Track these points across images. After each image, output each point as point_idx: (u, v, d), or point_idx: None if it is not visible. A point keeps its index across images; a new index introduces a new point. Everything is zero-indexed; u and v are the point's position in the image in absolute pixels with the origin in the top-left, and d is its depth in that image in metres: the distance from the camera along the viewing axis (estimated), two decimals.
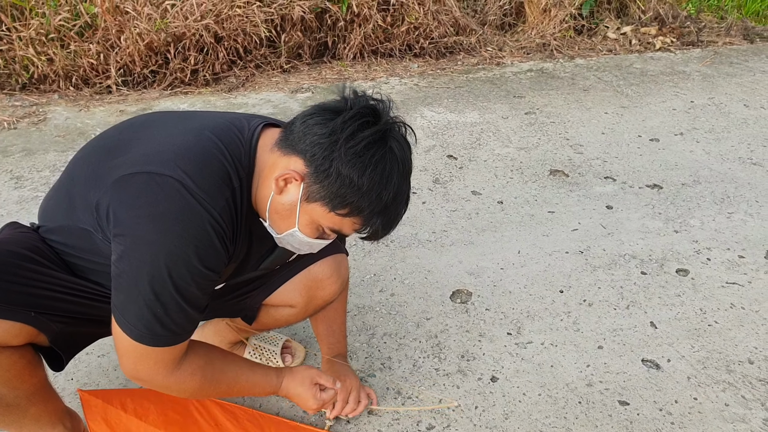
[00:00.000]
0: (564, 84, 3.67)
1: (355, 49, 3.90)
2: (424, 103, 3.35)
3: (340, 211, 0.97)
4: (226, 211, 0.97)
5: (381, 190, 0.96)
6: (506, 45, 4.22)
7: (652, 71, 3.92)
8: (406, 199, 1.03)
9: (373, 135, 0.94)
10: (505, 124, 3.13)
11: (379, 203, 0.96)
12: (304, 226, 1.02)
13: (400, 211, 1.02)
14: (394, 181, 0.97)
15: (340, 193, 0.95)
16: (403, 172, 0.99)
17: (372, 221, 0.99)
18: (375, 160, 0.94)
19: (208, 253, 0.95)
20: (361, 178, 0.94)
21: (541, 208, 2.44)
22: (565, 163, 2.78)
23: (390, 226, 1.02)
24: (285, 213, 1.01)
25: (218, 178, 0.97)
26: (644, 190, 2.59)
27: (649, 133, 3.09)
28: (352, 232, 1.02)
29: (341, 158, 0.93)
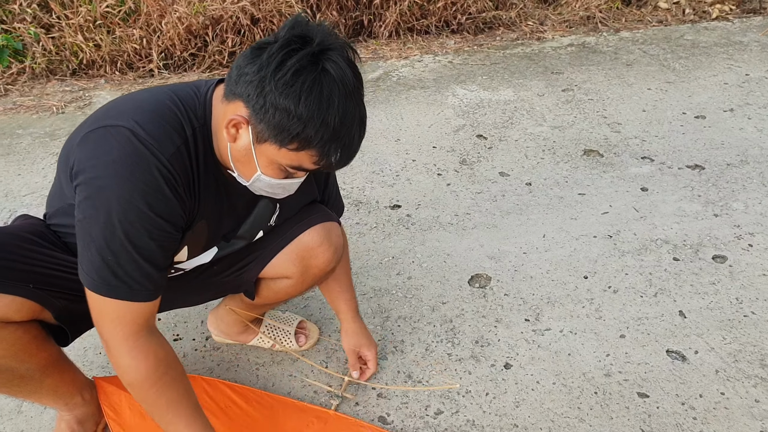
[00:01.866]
0: (606, 59, 3.51)
1: (391, 27, 3.86)
2: (456, 81, 3.29)
3: (290, 146, 0.94)
4: (176, 158, 0.98)
5: (324, 116, 0.91)
6: (548, 18, 4.06)
7: (705, 42, 3.69)
8: (359, 120, 0.97)
9: (301, 61, 0.90)
10: (540, 102, 3.04)
11: (327, 129, 0.92)
12: (265, 168, 1.00)
13: (353, 134, 0.96)
14: (336, 103, 0.92)
15: (283, 127, 0.92)
16: (345, 93, 0.93)
17: (326, 150, 0.95)
18: (308, 85, 0.90)
19: (156, 198, 0.96)
20: (298, 107, 0.90)
21: (572, 190, 2.37)
22: (601, 142, 2.68)
23: (347, 151, 0.97)
24: (244, 159, 1.01)
25: (169, 127, 0.98)
26: (684, 171, 2.47)
27: (695, 109, 2.93)
28: (312, 165, 0.98)
29: (273, 91, 0.91)
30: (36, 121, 2.97)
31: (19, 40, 3.39)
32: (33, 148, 2.72)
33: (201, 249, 1.20)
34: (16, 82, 3.37)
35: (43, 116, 3.02)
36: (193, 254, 1.20)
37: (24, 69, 3.38)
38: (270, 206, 1.24)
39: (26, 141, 2.78)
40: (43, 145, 2.74)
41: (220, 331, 1.64)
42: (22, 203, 2.32)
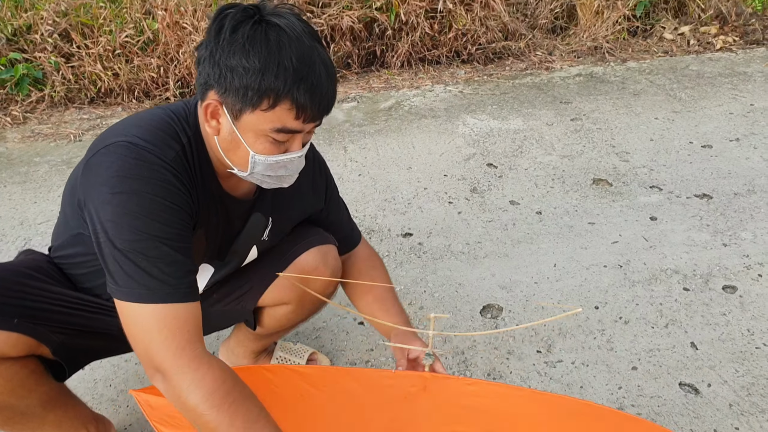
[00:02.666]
0: (613, 88, 3.57)
1: (403, 57, 3.94)
2: (467, 111, 3.35)
3: (263, 106, 0.93)
4: (178, 161, 0.99)
5: (278, 59, 0.90)
6: (556, 49, 4.14)
7: (710, 73, 3.75)
8: (320, 59, 0.94)
9: (235, 16, 0.92)
10: (549, 131, 3.09)
11: (287, 72, 0.90)
12: (254, 145, 0.98)
13: (318, 72, 0.93)
14: (286, 45, 0.91)
15: (246, 86, 0.91)
16: (294, 36, 0.92)
17: (296, 96, 0.92)
18: (250, 36, 0.91)
19: (169, 190, 0.96)
20: (249, 58, 0.90)
21: (581, 219, 2.40)
22: (610, 171, 2.72)
23: (318, 92, 0.94)
24: (233, 145, 1.00)
25: (166, 136, 1.00)
26: (692, 200, 2.50)
27: (702, 139, 2.97)
28: (294, 121, 0.95)
29: (222, 55, 0.92)
30: (53, 149, 3.04)
31: (40, 69, 3.49)
32: (50, 176, 2.78)
33: (199, 261, 1.19)
34: (35, 110, 3.45)
35: (60, 144, 3.10)
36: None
37: (43, 97, 3.47)
38: (263, 220, 1.24)
39: (43, 169, 2.85)
40: (60, 172, 2.81)
41: (231, 363, 1.66)
42: (37, 231, 2.37)
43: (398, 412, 1.15)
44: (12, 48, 3.49)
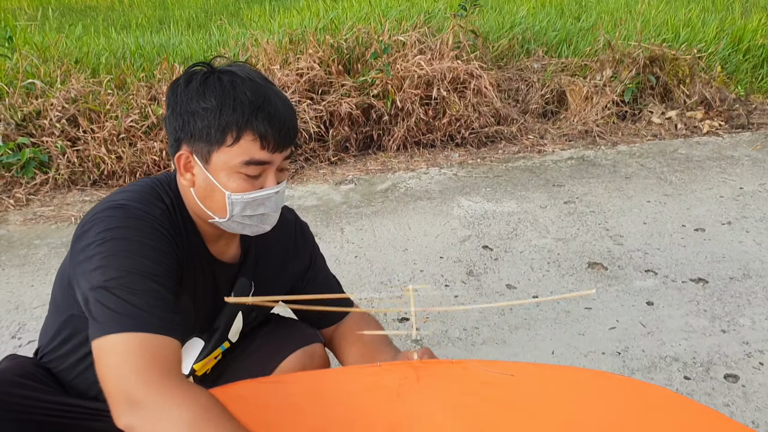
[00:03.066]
0: (605, 172, 3.66)
1: (399, 141, 4.06)
2: (461, 193, 3.41)
3: (228, 141, 0.97)
4: (164, 217, 1.02)
5: (235, 95, 0.96)
6: (548, 132, 4.28)
7: (698, 156, 3.86)
8: (273, 92, 1.01)
9: (188, 73, 1.00)
10: (543, 214, 3.14)
11: (243, 105, 0.96)
12: (227, 184, 1.00)
13: (273, 102, 0.99)
14: (239, 84, 0.98)
15: (208, 126, 0.97)
16: (246, 77, 0.99)
17: (257, 125, 0.96)
18: (204, 83, 0.98)
19: (153, 233, 0.98)
20: (206, 100, 0.97)
21: (578, 304, 2.39)
22: (604, 255, 2.74)
23: (277, 121, 0.98)
24: (209, 190, 1.02)
25: (151, 196, 1.04)
26: (688, 284, 2.50)
27: (694, 222, 3.01)
28: (261, 151, 0.98)
29: (182, 105, 0.99)
30: (54, 232, 3.07)
31: (46, 152, 3.58)
32: (48, 259, 2.79)
33: (186, 332, 1.16)
34: (39, 192, 3.52)
35: (61, 226, 3.13)
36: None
37: (47, 180, 3.54)
38: (247, 284, 1.22)
39: (42, 252, 2.86)
40: (58, 255, 2.82)
41: None
42: (32, 315, 2.35)
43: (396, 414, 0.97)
44: (21, 133, 3.60)
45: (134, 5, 10.14)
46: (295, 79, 3.96)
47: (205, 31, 6.30)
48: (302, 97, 3.97)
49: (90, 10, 9.72)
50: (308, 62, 4.03)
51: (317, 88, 4.09)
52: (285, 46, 4.26)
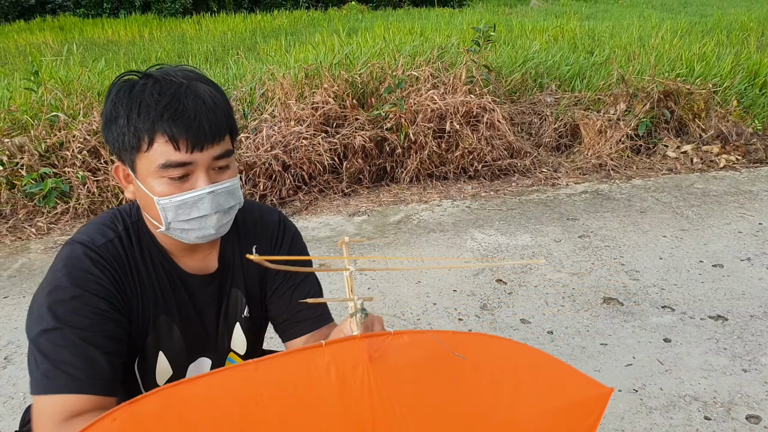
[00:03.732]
0: (620, 206, 3.64)
1: (412, 173, 4.09)
2: (474, 226, 3.41)
3: (143, 147, 0.95)
4: (107, 247, 1.02)
5: (141, 100, 0.94)
6: (561, 166, 4.28)
7: (715, 191, 3.83)
8: (189, 90, 0.96)
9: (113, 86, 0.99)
10: (558, 248, 3.11)
11: (149, 108, 0.94)
12: (154, 189, 0.98)
13: (183, 100, 0.95)
14: (149, 87, 0.95)
15: (123, 135, 0.96)
16: (162, 79, 0.97)
17: (165, 128, 0.94)
18: (117, 92, 0.97)
19: (84, 277, 0.97)
20: (116, 108, 0.96)
21: (593, 340, 2.35)
22: (620, 290, 2.70)
23: (183, 118, 0.94)
24: (143, 198, 1.01)
25: (103, 227, 1.04)
26: (707, 321, 2.46)
27: (712, 258, 2.97)
28: (175, 152, 0.95)
29: (105, 115, 0.99)
30: None
31: (67, 182, 3.65)
32: None
33: (184, 355, 1.13)
34: (59, 221, 3.57)
35: None
36: (178, 362, 1.13)
37: (68, 209, 3.60)
38: (239, 295, 1.19)
39: None
40: None
41: None
42: None
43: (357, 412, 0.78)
44: (44, 163, 3.69)
45: (154, 40, 10.43)
46: (310, 112, 4.03)
47: (223, 65, 6.45)
48: (317, 130, 4.02)
49: (112, 44, 10.01)
50: (323, 96, 4.10)
51: (332, 121, 4.15)
52: (301, 81, 4.34)
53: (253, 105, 4.33)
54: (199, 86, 0.98)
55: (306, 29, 10.16)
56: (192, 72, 1.01)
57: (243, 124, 4.12)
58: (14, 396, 2.11)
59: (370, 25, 9.38)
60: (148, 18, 14.28)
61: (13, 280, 2.94)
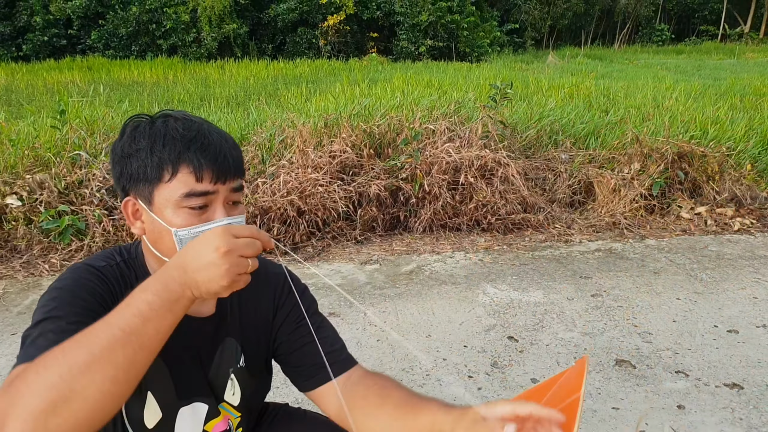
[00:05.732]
0: (633, 265, 3.61)
1: (425, 223, 4.11)
2: (487, 280, 3.40)
3: (165, 177, 0.97)
4: (107, 269, 1.03)
5: (165, 133, 0.97)
6: (575, 222, 4.28)
7: (730, 254, 3.80)
8: (209, 127, 1.01)
9: (126, 125, 1.01)
10: (570, 306, 3.09)
11: (174, 141, 0.97)
12: (172, 221, 0.98)
13: (207, 134, 0.99)
14: (171, 122, 0.99)
15: (143, 165, 0.97)
16: (180, 117, 1.00)
17: (190, 158, 0.96)
18: (135, 128, 0.99)
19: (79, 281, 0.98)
20: (139, 142, 0.97)
21: (605, 403, 2.30)
22: (632, 352, 2.66)
23: (209, 149, 0.97)
24: (156, 232, 1.00)
25: (102, 256, 1.07)
26: (722, 389, 2.40)
27: (727, 323, 2.92)
28: (196, 182, 0.97)
29: (118, 154, 1.00)
30: None
31: (83, 220, 3.71)
32: None
33: (174, 397, 1.09)
34: (73, 258, 3.61)
35: None
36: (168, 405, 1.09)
37: (82, 247, 3.65)
38: (234, 344, 1.16)
39: None
40: None
41: None
42: None
43: None
44: (62, 200, 3.76)
45: (178, 82, 10.76)
46: (327, 160, 4.10)
47: (244, 110, 6.61)
48: (333, 177, 4.08)
49: (137, 85, 10.34)
50: (341, 145, 4.18)
51: (348, 169, 4.21)
52: (320, 130, 4.44)
53: (272, 151, 4.42)
54: (217, 128, 1.04)
55: (327, 78, 10.43)
56: (195, 116, 1.06)
57: (261, 169, 4.20)
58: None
59: (389, 76, 9.62)
60: (174, 61, 14.76)
61: (23, 317, 2.95)
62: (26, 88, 9.72)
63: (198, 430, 1.15)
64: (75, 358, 0.77)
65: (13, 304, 3.11)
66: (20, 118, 5.60)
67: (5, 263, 3.56)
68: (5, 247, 3.65)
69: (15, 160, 3.91)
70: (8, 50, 15.76)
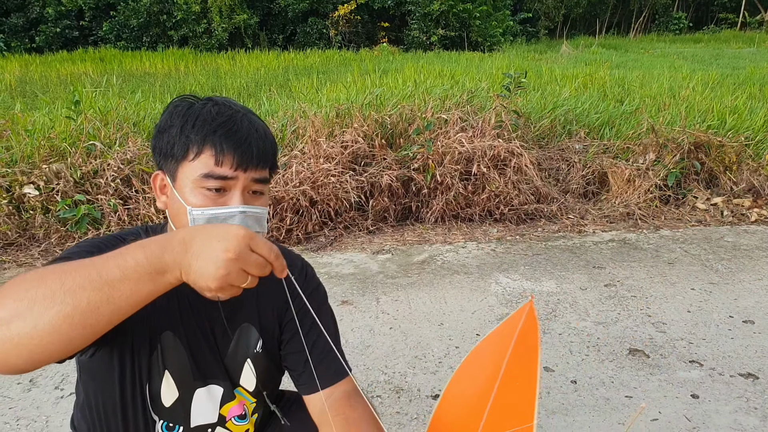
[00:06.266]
0: (647, 256, 3.59)
1: (437, 214, 4.10)
2: (499, 270, 3.39)
3: (189, 156, 0.99)
4: (129, 232, 1.09)
5: (199, 114, 1.00)
6: (588, 213, 4.25)
7: (746, 245, 3.76)
8: (245, 117, 1.03)
9: (172, 102, 1.05)
10: (583, 296, 3.07)
11: (205, 123, 0.99)
12: (189, 198, 0.99)
13: (238, 121, 1.01)
14: (209, 106, 1.01)
15: (173, 143, 1.00)
16: (221, 102, 1.03)
17: (215, 141, 0.98)
18: (176, 106, 1.03)
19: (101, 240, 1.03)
20: (173, 119, 1.01)
21: (618, 392, 2.30)
22: (646, 342, 2.65)
23: (236, 136, 0.99)
24: (175, 207, 1.02)
25: (128, 232, 1.10)
26: (737, 379, 2.38)
27: (743, 314, 2.90)
28: (217, 167, 0.98)
29: (159, 126, 1.04)
30: None
31: (99, 210, 3.75)
32: None
33: (191, 377, 1.11)
34: None
35: None
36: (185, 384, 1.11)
37: (98, 235, 3.68)
38: (252, 330, 1.17)
39: None
40: None
41: None
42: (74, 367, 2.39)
43: None
44: (78, 190, 3.80)
45: (189, 73, 10.79)
46: (339, 150, 4.10)
47: (255, 101, 6.62)
48: (345, 168, 4.09)
49: (149, 76, 10.38)
50: (353, 136, 4.17)
51: (360, 160, 4.21)
52: (332, 120, 4.43)
53: (284, 141, 4.43)
54: (254, 118, 1.05)
55: (338, 68, 10.41)
56: (238, 103, 1.08)
57: None
58: (37, 419, 2.13)
59: (400, 66, 9.59)
60: (185, 52, 14.79)
61: None
62: (40, 79, 9.80)
63: (214, 413, 1.17)
64: (47, 282, 0.76)
65: None
66: (35, 109, 5.65)
67: (24, 251, 3.61)
68: (24, 235, 3.70)
69: (32, 150, 3.96)
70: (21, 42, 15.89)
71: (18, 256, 3.56)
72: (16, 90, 8.30)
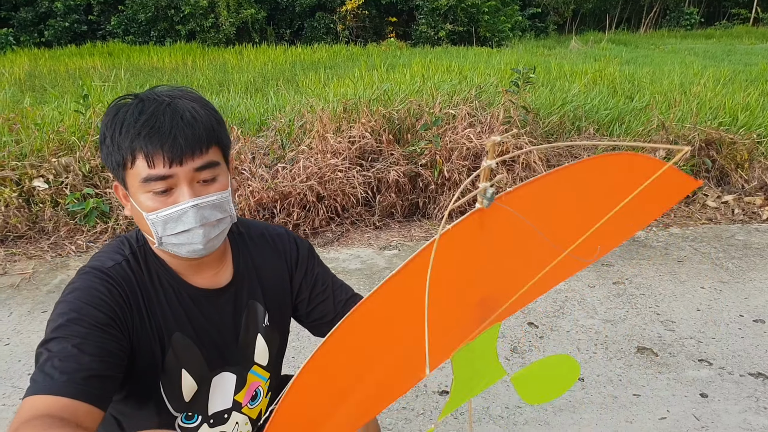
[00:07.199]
0: (657, 254, 3.56)
1: (443, 210, 4.08)
2: None
3: (128, 165, 0.98)
4: (116, 269, 1.05)
5: (123, 120, 0.97)
6: None
7: (758, 244, 3.72)
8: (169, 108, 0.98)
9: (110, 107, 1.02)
10: (591, 293, 3.06)
11: (128, 128, 0.97)
12: (142, 205, 0.99)
13: (160, 118, 0.97)
14: (132, 107, 0.98)
15: (109, 154, 0.99)
16: (147, 98, 1.00)
17: (141, 145, 0.96)
18: (108, 113, 1.00)
19: (91, 293, 1.00)
20: (105, 130, 0.99)
21: (626, 390, 2.29)
22: (655, 340, 2.63)
23: (157, 134, 0.96)
24: (137, 215, 1.03)
25: (110, 252, 1.08)
26: (746, 378, 2.36)
27: (753, 313, 2.88)
28: (149, 168, 0.97)
29: (100, 139, 1.02)
30: None
31: (107, 203, 3.76)
32: None
33: (206, 369, 1.14)
34: (98, 240, 3.67)
35: None
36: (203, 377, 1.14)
37: (107, 229, 3.70)
38: (258, 307, 1.20)
39: None
40: None
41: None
42: None
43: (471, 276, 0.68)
44: (87, 183, 3.81)
45: (197, 67, 10.78)
46: (346, 146, 4.09)
47: (263, 96, 6.62)
48: (352, 163, 4.08)
49: (157, 71, 10.38)
50: (360, 131, 4.16)
51: (367, 155, 4.20)
52: (339, 115, 4.42)
53: (291, 136, 4.42)
54: (180, 103, 1.01)
55: (345, 63, 10.39)
56: (180, 90, 1.04)
57: (281, 155, 4.21)
58: None
59: (408, 61, 9.55)
60: (192, 47, 14.80)
61: (52, 296, 3.02)
62: (49, 73, 9.84)
63: (229, 399, 1.20)
64: None
65: (43, 283, 3.17)
66: (44, 103, 5.67)
67: (34, 244, 3.63)
68: (34, 228, 3.72)
69: (41, 144, 3.97)
70: (31, 36, 15.93)
71: (28, 248, 3.58)
72: (25, 84, 8.34)
